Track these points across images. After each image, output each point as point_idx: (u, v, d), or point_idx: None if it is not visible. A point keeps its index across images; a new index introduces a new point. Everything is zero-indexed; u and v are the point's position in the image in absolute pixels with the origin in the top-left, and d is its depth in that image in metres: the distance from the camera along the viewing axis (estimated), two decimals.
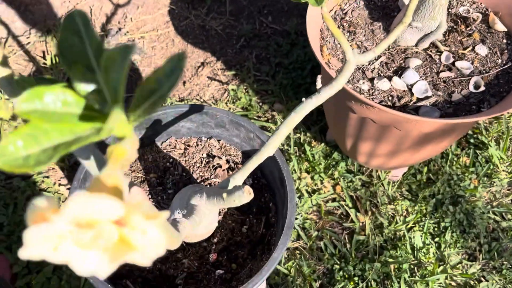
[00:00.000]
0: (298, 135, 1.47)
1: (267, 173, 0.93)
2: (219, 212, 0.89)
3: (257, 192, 0.93)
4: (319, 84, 0.68)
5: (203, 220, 0.71)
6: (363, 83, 1.04)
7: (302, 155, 1.43)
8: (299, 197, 1.35)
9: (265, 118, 1.51)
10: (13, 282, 1.13)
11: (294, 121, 0.67)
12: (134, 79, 1.56)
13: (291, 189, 0.82)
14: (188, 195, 0.70)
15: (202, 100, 1.53)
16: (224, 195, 0.63)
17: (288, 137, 1.46)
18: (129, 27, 1.67)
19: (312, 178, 1.39)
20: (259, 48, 1.66)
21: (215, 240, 0.86)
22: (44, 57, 1.55)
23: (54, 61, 1.51)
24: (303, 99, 0.68)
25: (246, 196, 0.61)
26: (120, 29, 1.66)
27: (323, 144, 1.45)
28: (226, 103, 1.53)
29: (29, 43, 1.58)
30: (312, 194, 1.36)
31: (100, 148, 0.42)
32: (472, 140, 1.47)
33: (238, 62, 1.62)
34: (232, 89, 1.55)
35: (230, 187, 0.67)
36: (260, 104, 1.55)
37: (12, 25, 1.62)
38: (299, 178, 1.39)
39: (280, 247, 0.76)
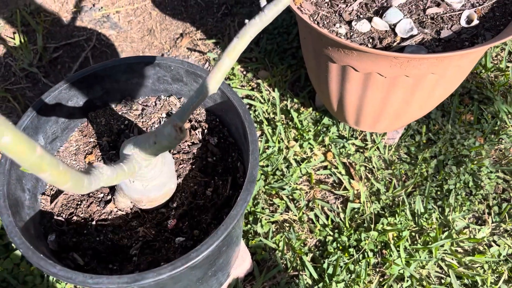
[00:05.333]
0: (285, 102, 1.36)
1: (233, 131, 0.83)
2: (179, 175, 0.79)
3: (224, 152, 0.83)
4: (263, 1, 0.58)
5: (140, 173, 0.61)
6: (340, 26, 0.93)
7: (290, 123, 1.32)
8: (287, 167, 1.25)
9: (250, 87, 1.41)
10: None
11: (238, 49, 0.57)
12: (110, 54, 1.47)
13: (253, 140, 0.72)
14: (122, 145, 0.61)
15: None
16: (154, 136, 0.53)
17: (273, 104, 1.35)
18: (103, 2, 1.58)
19: (300, 146, 1.28)
20: (241, 15, 1.55)
21: (175, 205, 0.76)
22: (13, 38, 1.47)
23: (23, 41, 1.43)
24: (246, 20, 0.57)
25: (175, 134, 0.51)
26: (94, 5, 1.57)
27: (311, 109, 1.34)
28: None
29: None
30: (301, 163, 1.26)
31: None
32: (476, 96, 1.34)
33: (219, 31, 1.52)
34: (213, 58, 1.45)
35: None
36: (244, 72, 1.44)
37: None
38: (287, 147, 1.28)
39: (239, 203, 0.66)
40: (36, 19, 1.51)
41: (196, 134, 0.84)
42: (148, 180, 0.67)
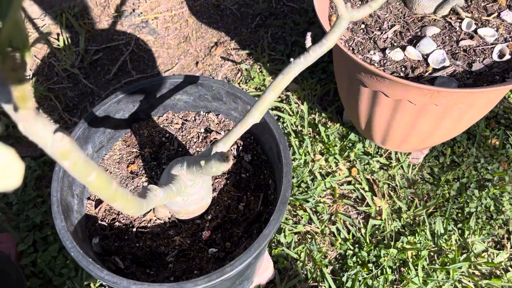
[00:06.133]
0: (313, 115, 1.41)
1: (267, 149, 0.88)
2: (214, 189, 0.84)
3: (257, 168, 0.88)
4: (308, 42, 0.62)
5: (185, 191, 0.67)
6: (374, 53, 0.96)
7: (317, 136, 1.37)
8: (312, 180, 1.29)
9: (279, 99, 1.46)
10: (18, 260, 1.13)
11: (282, 85, 0.62)
12: (147, 59, 1.53)
13: (287, 163, 0.76)
14: (170, 165, 0.66)
15: None
16: (202, 162, 0.59)
17: (302, 117, 1.40)
18: (143, 8, 1.64)
19: (326, 160, 1.32)
20: (275, 27, 1.60)
21: (209, 217, 0.82)
22: (58, 39, 1.55)
23: (66, 43, 1.50)
24: (291, 59, 0.62)
25: (224, 162, 0.56)
26: (134, 10, 1.63)
27: (339, 125, 1.37)
28: (239, 83, 1.48)
29: (44, 25, 1.59)
30: (326, 177, 1.30)
31: None
32: (502, 121, 1.36)
33: (252, 42, 1.57)
34: (246, 69, 1.50)
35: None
36: None
37: (29, 8, 1.63)
38: (313, 161, 1.33)
39: (272, 223, 0.71)
40: (79, 21, 1.59)
41: (232, 150, 0.89)
42: (189, 195, 0.72)
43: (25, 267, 1.13)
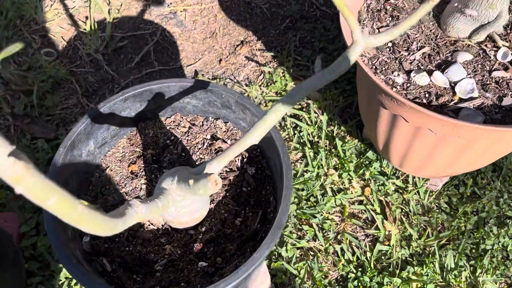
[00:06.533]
0: (332, 127, 1.36)
1: (271, 165, 0.84)
2: (212, 200, 0.82)
3: (259, 183, 0.85)
4: (317, 67, 0.58)
5: (174, 205, 0.64)
6: (398, 75, 0.91)
7: (333, 150, 1.32)
8: (322, 195, 1.25)
9: (299, 106, 1.41)
10: (20, 242, 1.14)
11: (285, 108, 0.58)
12: (170, 52, 1.51)
13: (288, 186, 0.73)
14: (163, 176, 0.63)
15: (235, 81, 1.45)
16: (191, 181, 0.56)
17: (320, 128, 1.35)
18: None
19: (339, 176, 1.28)
20: (304, 31, 1.55)
21: (203, 229, 0.79)
22: (85, 23, 1.54)
23: (93, 28, 1.50)
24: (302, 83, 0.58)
25: (211, 186, 0.53)
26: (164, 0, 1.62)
27: (357, 140, 1.32)
28: (260, 85, 1.44)
29: (74, 7, 1.59)
30: (337, 193, 1.25)
31: None
32: None
33: (279, 44, 1.52)
34: (269, 72, 1.46)
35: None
36: None
37: None
38: (325, 175, 1.28)
39: (264, 247, 0.68)
40: (109, 6, 1.58)
41: (236, 161, 0.86)
42: (182, 207, 0.70)
43: (25, 249, 1.14)
